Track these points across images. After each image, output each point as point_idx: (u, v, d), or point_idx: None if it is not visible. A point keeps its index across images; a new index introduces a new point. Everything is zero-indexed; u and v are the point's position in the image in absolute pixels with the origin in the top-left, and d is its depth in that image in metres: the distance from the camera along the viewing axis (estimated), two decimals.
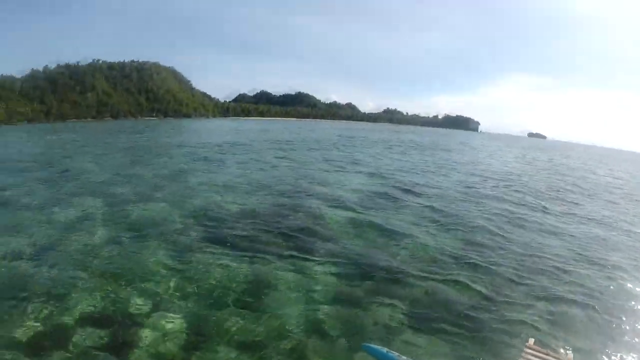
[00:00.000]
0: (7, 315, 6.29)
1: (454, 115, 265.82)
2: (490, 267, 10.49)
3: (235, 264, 8.86)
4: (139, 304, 6.86)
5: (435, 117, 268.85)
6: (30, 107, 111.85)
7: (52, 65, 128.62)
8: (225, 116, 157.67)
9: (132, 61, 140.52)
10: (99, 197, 14.44)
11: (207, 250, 9.69)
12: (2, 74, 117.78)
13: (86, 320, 6.36)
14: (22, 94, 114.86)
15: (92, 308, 6.70)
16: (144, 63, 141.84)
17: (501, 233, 14.05)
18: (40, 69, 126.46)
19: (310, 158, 32.43)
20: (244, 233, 11.22)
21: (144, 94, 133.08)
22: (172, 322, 6.36)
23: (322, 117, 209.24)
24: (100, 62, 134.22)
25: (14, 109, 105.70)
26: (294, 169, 25.15)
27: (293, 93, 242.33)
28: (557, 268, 11.03)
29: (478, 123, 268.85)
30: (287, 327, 6.56)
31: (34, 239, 9.68)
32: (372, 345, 5.92)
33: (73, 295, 7.06)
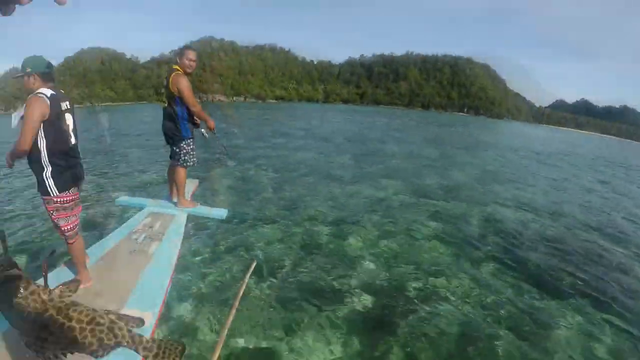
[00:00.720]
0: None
1: None
2: None
3: (520, 287, 6.82)
4: (415, 289, 5.99)
5: None
6: (346, 90, 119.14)
7: (368, 55, 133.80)
8: (538, 122, 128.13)
9: (445, 55, 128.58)
10: (400, 182, 13.25)
11: (493, 264, 7.74)
12: (322, 60, 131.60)
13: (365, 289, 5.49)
14: (339, 78, 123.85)
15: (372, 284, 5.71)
16: (457, 58, 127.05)
17: None
18: (357, 57, 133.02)
19: (631, 191, 19.56)
20: (535, 257, 8.49)
21: (455, 88, 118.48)
22: (436, 326, 5.23)
23: None
24: (414, 54, 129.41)
25: (332, 90, 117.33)
26: (610, 200, 16.21)
27: (617, 106, 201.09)
28: None
29: None
30: None
31: (330, 211, 8.96)
32: None
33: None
